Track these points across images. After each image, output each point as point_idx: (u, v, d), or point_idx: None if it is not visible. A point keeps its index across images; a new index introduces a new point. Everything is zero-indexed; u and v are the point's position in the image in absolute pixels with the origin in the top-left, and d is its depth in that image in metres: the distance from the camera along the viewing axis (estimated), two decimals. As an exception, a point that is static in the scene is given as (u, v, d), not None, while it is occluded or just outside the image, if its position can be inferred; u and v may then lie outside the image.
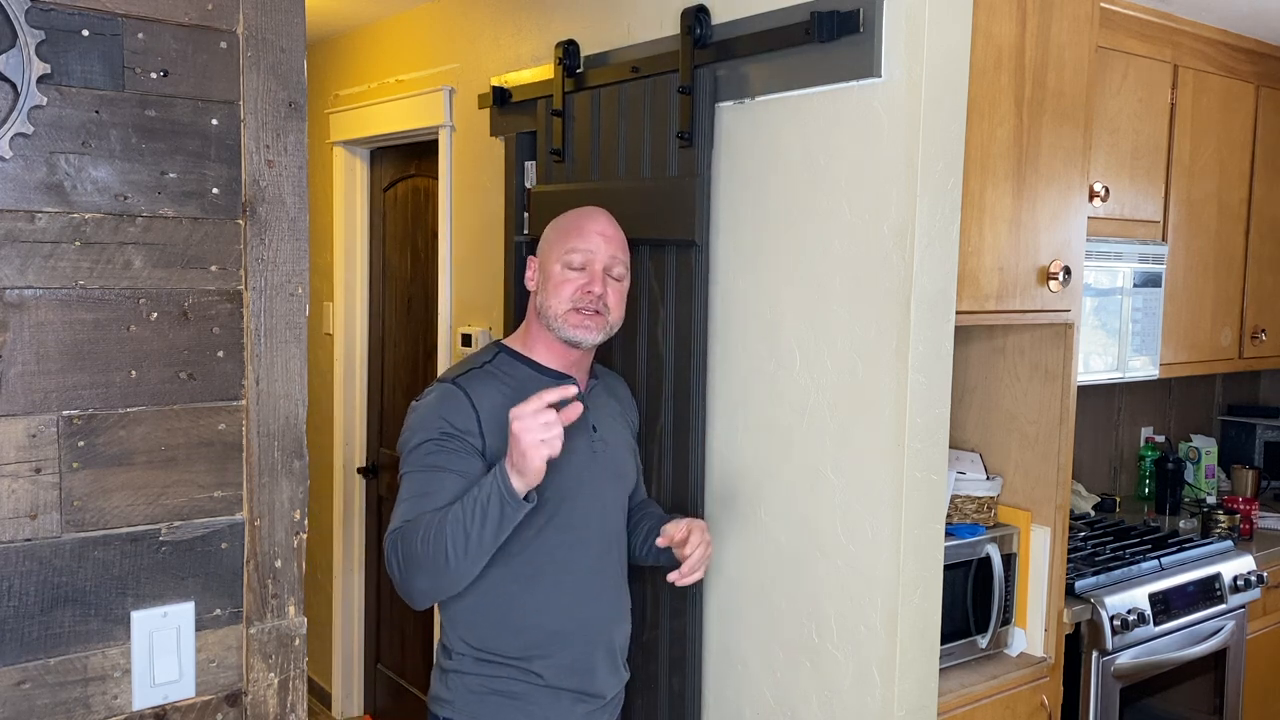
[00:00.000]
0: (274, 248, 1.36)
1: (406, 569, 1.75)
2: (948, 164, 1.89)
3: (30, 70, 1.19)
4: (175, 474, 1.32)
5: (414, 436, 1.84)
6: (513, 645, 1.89)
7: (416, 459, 1.82)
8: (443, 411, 1.83)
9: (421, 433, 1.83)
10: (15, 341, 1.21)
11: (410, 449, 1.84)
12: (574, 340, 1.90)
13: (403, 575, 1.76)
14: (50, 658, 1.26)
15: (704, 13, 2.16)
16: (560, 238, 1.93)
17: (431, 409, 1.85)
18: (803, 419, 2.05)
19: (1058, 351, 2.49)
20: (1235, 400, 4.19)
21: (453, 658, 1.92)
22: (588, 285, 1.89)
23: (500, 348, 1.98)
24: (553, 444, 1.65)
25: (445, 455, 1.80)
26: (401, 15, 3.49)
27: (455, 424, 1.82)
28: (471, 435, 1.82)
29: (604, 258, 1.92)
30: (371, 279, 4.02)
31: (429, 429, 1.83)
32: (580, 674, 1.93)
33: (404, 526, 1.77)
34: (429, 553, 1.71)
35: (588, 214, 1.97)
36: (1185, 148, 3.17)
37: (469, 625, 1.90)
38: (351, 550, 4.06)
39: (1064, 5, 2.31)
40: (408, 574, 1.75)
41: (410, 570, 1.75)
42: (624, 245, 1.97)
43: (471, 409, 1.83)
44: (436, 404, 1.85)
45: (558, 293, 1.90)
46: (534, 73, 2.71)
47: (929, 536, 1.94)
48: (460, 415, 1.83)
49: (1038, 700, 2.46)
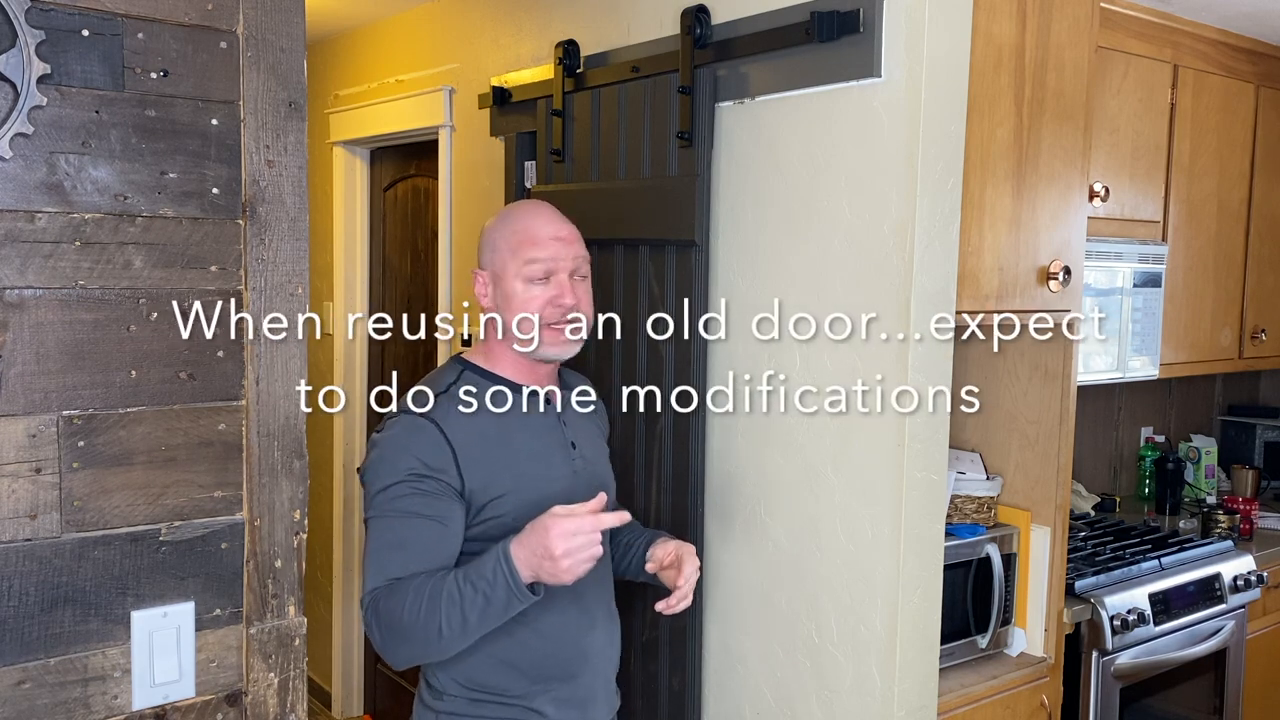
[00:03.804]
0: (274, 248, 1.36)
1: (389, 636, 1.60)
2: (947, 164, 1.89)
3: (30, 70, 1.19)
4: (175, 474, 1.32)
5: (381, 476, 1.65)
6: (516, 683, 1.73)
7: (386, 503, 1.64)
8: (414, 448, 1.65)
9: (390, 473, 1.65)
10: (15, 341, 1.21)
11: (378, 490, 1.65)
12: (553, 358, 1.77)
13: (384, 640, 1.61)
14: (50, 658, 1.26)
15: (704, 13, 2.16)
16: (513, 248, 1.74)
17: (399, 444, 1.66)
18: (803, 419, 2.05)
19: (1058, 351, 2.49)
20: (1235, 400, 4.19)
21: (443, 699, 1.75)
22: (557, 298, 1.72)
23: (464, 365, 1.78)
24: (592, 561, 1.53)
25: (419, 499, 1.63)
26: (401, 15, 3.49)
27: (428, 462, 1.64)
28: (447, 474, 1.65)
29: (567, 263, 1.74)
30: (371, 279, 4.02)
31: (398, 468, 1.64)
32: (582, 706, 1.80)
33: (384, 591, 1.60)
34: (418, 626, 1.57)
35: (534, 215, 1.78)
36: (1185, 148, 3.17)
37: (462, 663, 1.72)
38: (351, 550, 4.06)
39: (1064, 5, 2.31)
40: (391, 641, 1.60)
41: (394, 638, 1.60)
42: (580, 238, 1.79)
43: (446, 444, 1.66)
44: (405, 439, 1.66)
45: (524, 309, 1.72)
46: (534, 73, 2.71)
47: (929, 536, 1.94)
48: (433, 452, 1.65)
49: (1038, 700, 2.46)
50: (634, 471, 2.34)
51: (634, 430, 2.33)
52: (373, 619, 1.61)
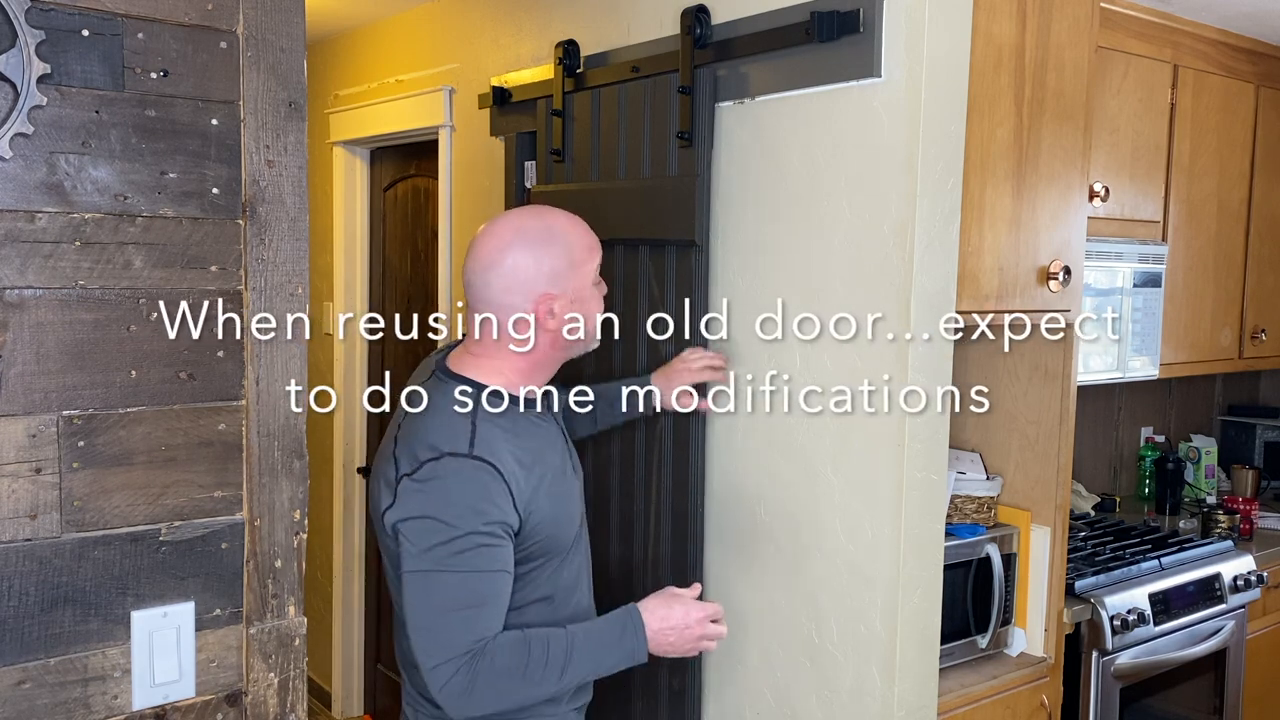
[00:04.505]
0: (274, 248, 1.36)
1: (490, 697, 1.57)
2: (948, 164, 1.89)
3: (30, 70, 1.19)
4: (175, 474, 1.32)
5: (446, 528, 1.56)
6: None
7: (453, 556, 1.56)
8: (480, 498, 1.58)
9: (458, 524, 1.56)
10: (15, 341, 1.21)
11: (442, 542, 1.56)
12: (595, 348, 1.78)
13: (472, 703, 1.57)
14: (50, 658, 1.26)
15: (704, 13, 2.16)
16: (582, 260, 1.69)
17: (465, 493, 1.58)
18: (802, 419, 2.05)
19: (1058, 351, 2.49)
20: (1235, 400, 4.19)
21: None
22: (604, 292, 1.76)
23: (477, 389, 1.66)
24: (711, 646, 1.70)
25: (491, 552, 1.58)
26: (401, 15, 3.49)
27: (497, 511, 1.58)
28: (509, 516, 1.60)
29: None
30: (371, 279, 4.02)
31: (468, 520, 1.56)
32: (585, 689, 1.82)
33: (474, 659, 1.56)
34: (525, 690, 1.58)
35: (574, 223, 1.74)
36: (1185, 148, 3.17)
37: None
38: (351, 550, 4.06)
39: (1064, 5, 2.31)
40: (488, 702, 1.57)
41: (492, 699, 1.57)
42: None
43: (505, 486, 1.59)
44: (470, 487, 1.58)
45: (598, 310, 1.72)
46: (534, 73, 2.71)
47: (929, 536, 1.94)
48: (500, 500, 1.59)
49: (1038, 700, 2.46)
50: (634, 473, 2.34)
51: (634, 432, 2.33)
52: (469, 677, 1.56)
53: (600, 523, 2.45)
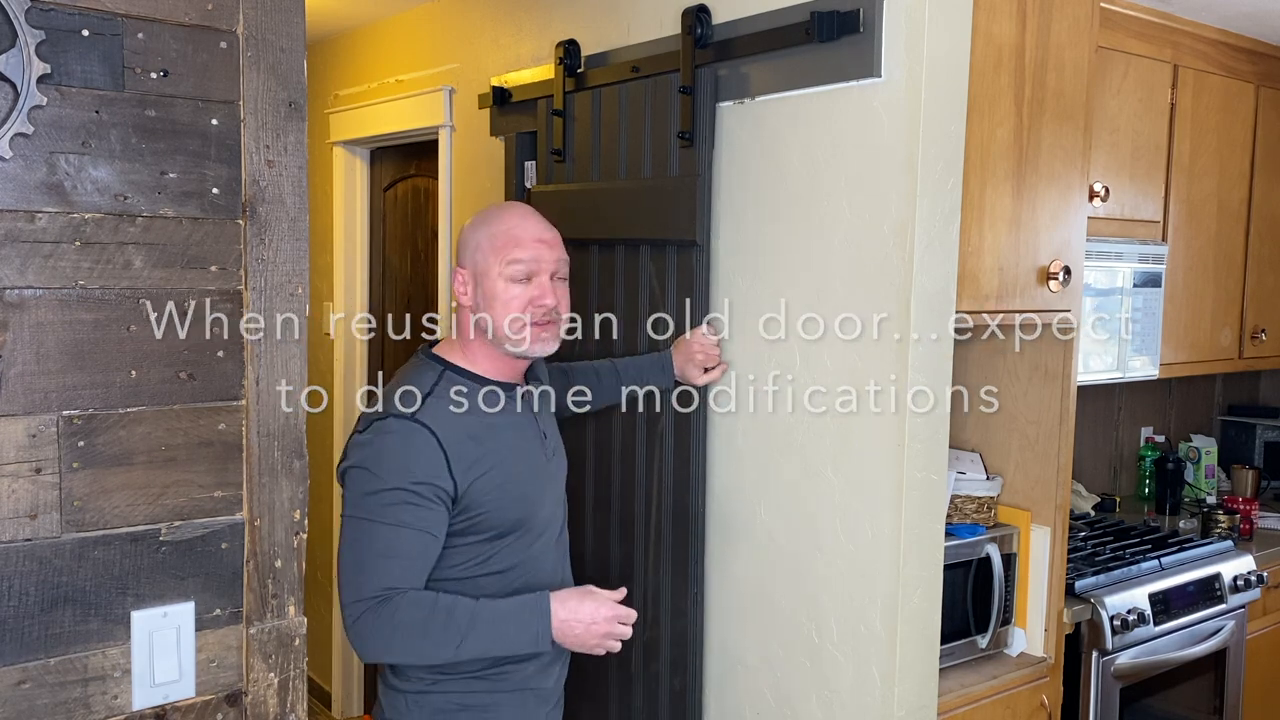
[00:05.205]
0: (274, 248, 1.36)
1: (383, 645, 1.68)
2: (948, 164, 1.89)
3: (30, 70, 1.19)
4: (175, 474, 1.32)
5: (370, 480, 1.68)
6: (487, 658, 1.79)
7: (378, 508, 1.67)
8: (407, 455, 1.68)
9: (381, 478, 1.67)
10: (15, 341, 1.21)
11: (367, 493, 1.68)
12: (533, 355, 1.81)
13: (370, 647, 1.69)
14: (50, 658, 1.26)
15: (705, 12, 2.16)
16: (496, 248, 1.78)
17: (391, 449, 1.68)
18: (803, 418, 2.05)
19: (1058, 351, 2.49)
20: (1235, 400, 4.19)
21: (410, 679, 1.79)
22: (539, 299, 1.77)
23: (442, 364, 1.80)
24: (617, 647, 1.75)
25: (412, 510, 1.67)
26: (401, 15, 3.49)
27: (422, 470, 1.67)
28: (440, 480, 1.68)
29: (549, 265, 1.79)
30: (371, 279, 4.02)
31: (390, 475, 1.67)
32: (543, 673, 1.85)
33: (380, 605, 1.67)
34: (422, 647, 1.68)
35: (518, 217, 1.82)
36: (1185, 148, 3.17)
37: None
38: (351, 550, 4.05)
39: (1064, 5, 2.31)
40: (381, 649, 1.69)
41: (386, 648, 1.69)
42: (561, 242, 1.84)
43: (439, 448, 1.68)
44: (397, 444, 1.68)
45: (506, 309, 1.76)
46: (534, 73, 2.71)
47: (929, 536, 1.94)
48: (430, 461, 1.68)
49: (1038, 700, 2.46)
50: (635, 472, 2.34)
51: (635, 431, 2.33)
52: (372, 620, 1.68)
53: (601, 522, 2.45)
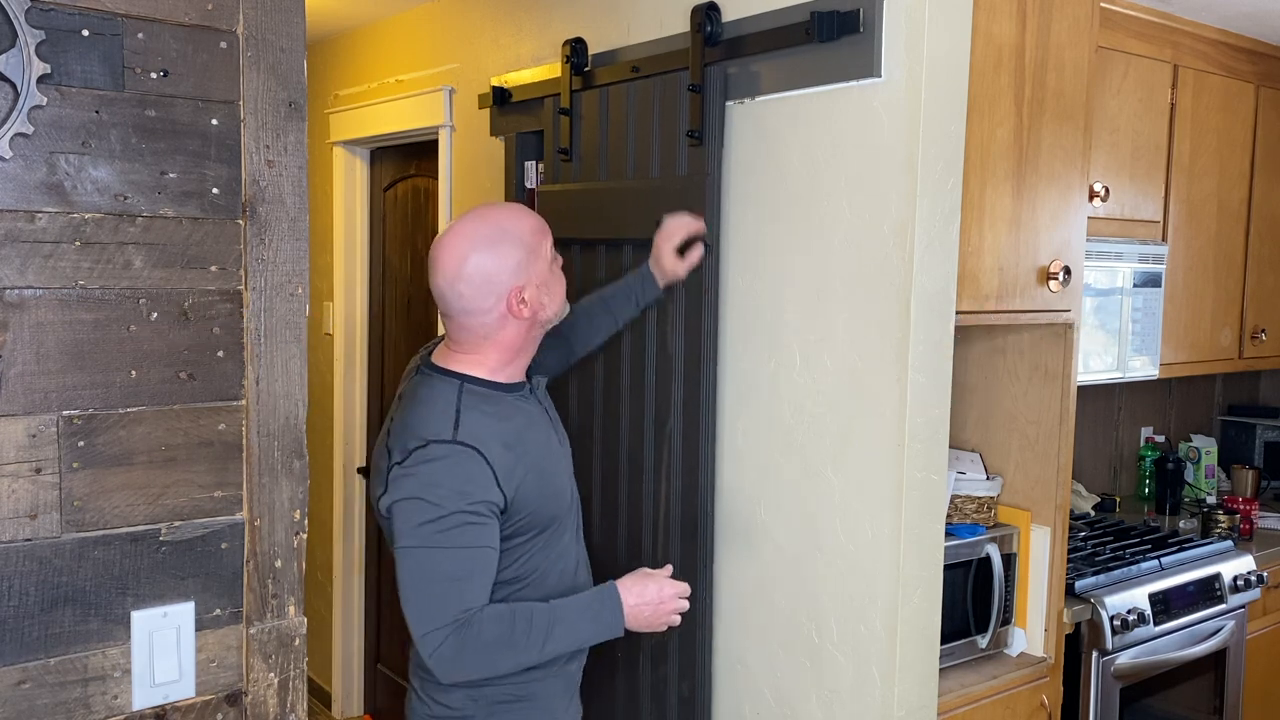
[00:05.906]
0: (274, 248, 1.36)
1: (473, 665, 1.70)
2: (948, 164, 1.89)
3: (30, 70, 1.19)
4: (175, 474, 1.32)
5: (432, 507, 1.68)
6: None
7: (441, 534, 1.68)
8: (463, 479, 1.70)
9: (443, 503, 1.68)
10: (15, 341, 1.21)
11: (429, 521, 1.68)
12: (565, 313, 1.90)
13: (458, 669, 1.71)
14: (50, 658, 1.26)
15: (714, 10, 2.15)
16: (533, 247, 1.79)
17: (447, 476, 1.69)
18: (803, 418, 2.05)
19: (1058, 351, 2.49)
20: (1235, 400, 4.19)
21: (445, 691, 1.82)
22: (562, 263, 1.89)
23: (458, 378, 1.79)
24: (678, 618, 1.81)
25: (476, 530, 1.70)
26: (401, 15, 3.49)
27: (480, 491, 1.70)
28: (493, 495, 1.71)
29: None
30: (371, 279, 4.02)
31: (452, 500, 1.68)
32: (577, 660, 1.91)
33: (461, 628, 1.68)
34: (511, 658, 1.71)
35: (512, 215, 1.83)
36: (1185, 148, 3.17)
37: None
38: (351, 550, 4.06)
39: (1064, 5, 2.31)
40: (471, 669, 1.71)
41: (476, 667, 1.71)
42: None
43: (488, 468, 1.71)
44: (452, 470, 1.70)
45: (561, 285, 1.85)
46: (534, 72, 2.71)
47: (929, 536, 1.94)
48: (481, 479, 1.70)
49: (1037, 700, 2.46)
50: (643, 473, 2.33)
51: (643, 431, 2.33)
52: (457, 644, 1.68)
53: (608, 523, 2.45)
